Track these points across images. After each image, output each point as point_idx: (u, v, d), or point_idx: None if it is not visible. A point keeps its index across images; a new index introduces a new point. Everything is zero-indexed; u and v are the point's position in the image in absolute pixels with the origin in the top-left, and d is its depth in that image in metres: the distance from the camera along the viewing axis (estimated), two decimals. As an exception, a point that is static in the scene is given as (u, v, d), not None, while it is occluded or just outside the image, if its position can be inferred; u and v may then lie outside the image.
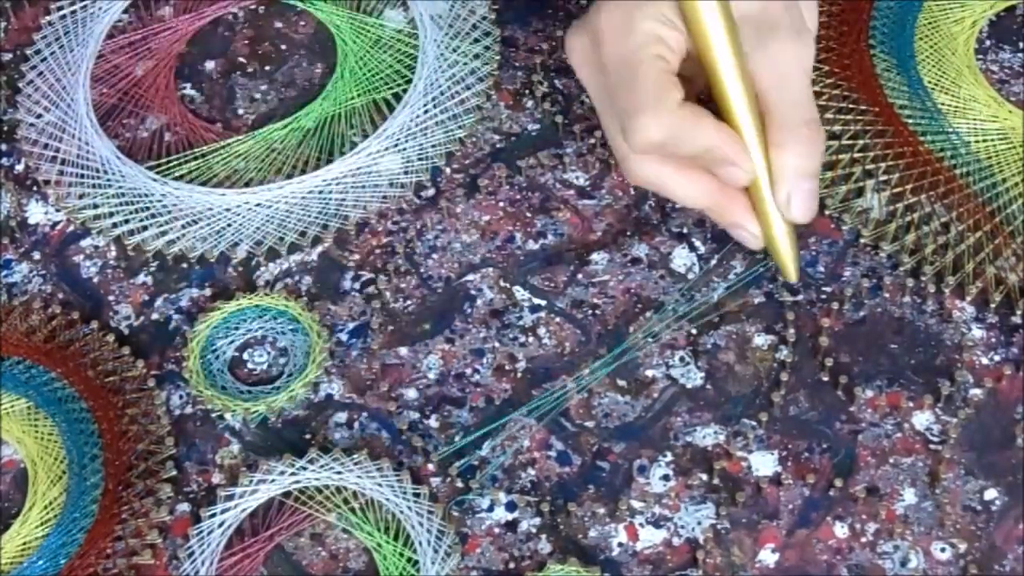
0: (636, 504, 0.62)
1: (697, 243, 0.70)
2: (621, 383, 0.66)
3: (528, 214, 0.72)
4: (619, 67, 0.55)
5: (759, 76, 0.55)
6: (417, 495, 0.63)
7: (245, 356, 0.69)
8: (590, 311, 0.68)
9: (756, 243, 0.59)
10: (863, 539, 0.61)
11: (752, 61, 0.55)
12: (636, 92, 0.54)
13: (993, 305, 0.66)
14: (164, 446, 0.65)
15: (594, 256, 0.70)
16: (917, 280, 0.67)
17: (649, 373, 0.66)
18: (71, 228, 0.74)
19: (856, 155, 0.71)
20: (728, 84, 0.54)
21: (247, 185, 0.73)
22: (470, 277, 0.70)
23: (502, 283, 0.70)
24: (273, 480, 0.63)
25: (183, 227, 0.72)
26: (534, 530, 0.62)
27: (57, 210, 0.75)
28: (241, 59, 0.80)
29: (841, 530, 0.61)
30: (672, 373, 0.66)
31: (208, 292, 0.71)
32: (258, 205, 0.72)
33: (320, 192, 0.73)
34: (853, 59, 0.74)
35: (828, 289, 0.68)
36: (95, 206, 0.74)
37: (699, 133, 0.54)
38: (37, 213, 0.75)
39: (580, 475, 0.63)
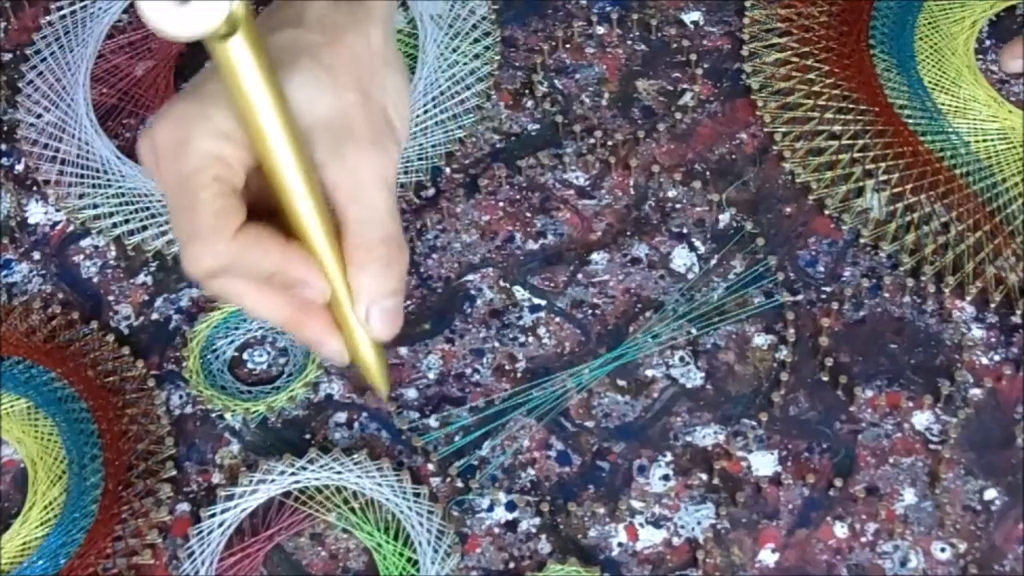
0: (636, 504, 0.62)
1: (697, 243, 0.70)
2: (621, 383, 0.66)
3: (528, 214, 0.72)
4: (175, 189, 0.50)
5: (334, 189, 0.51)
6: (417, 495, 0.63)
7: (245, 356, 0.69)
8: (590, 311, 0.68)
9: (341, 359, 0.54)
10: (863, 539, 0.61)
11: (327, 173, 0.51)
12: (191, 219, 0.49)
13: (993, 305, 0.66)
14: (164, 446, 0.65)
15: (594, 256, 0.70)
16: (917, 280, 0.67)
17: (649, 373, 0.66)
18: (71, 228, 0.74)
19: (856, 155, 0.71)
20: (294, 199, 0.49)
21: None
22: (470, 277, 0.70)
23: (502, 283, 0.70)
24: (273, 480, 0.63)
25: (183, 227, 0.72)
26: (534, 530, 0.62)
27: (57, 210, 0.75)
28: (241, 59, 0.80)
29: (841, 530, 0.61)
30: (672, 373, 0.66)
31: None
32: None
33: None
34: (853, 59, 0.75)
35: (828, 289, 0.68)
36: (95, 206, 0.74)
37: (261, 257, 0.50)
38: (37, 213, 0.75)
39: (580, 475, 0.63)
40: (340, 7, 0.54)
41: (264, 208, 0.51)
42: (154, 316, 0.70)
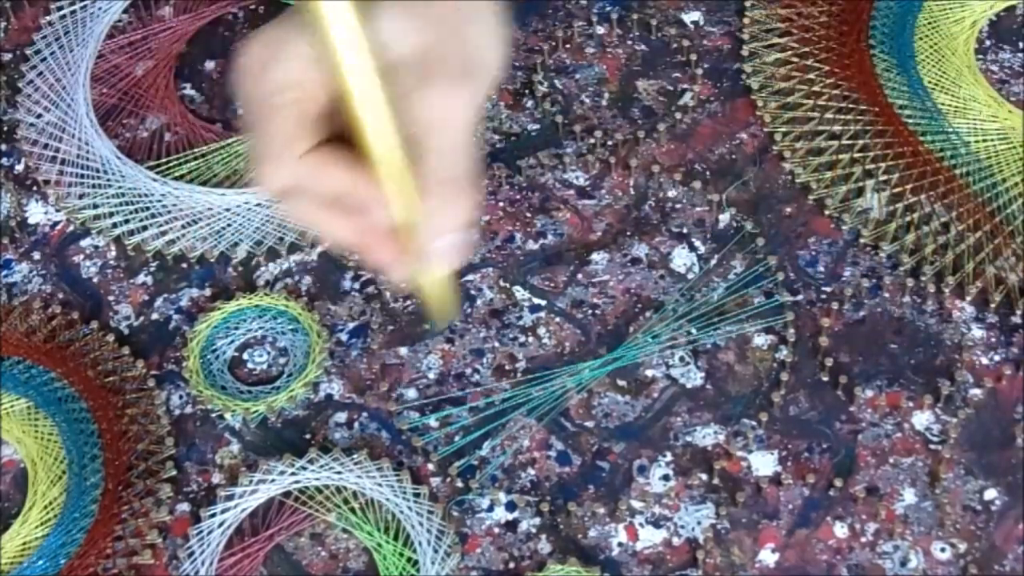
0: (636, 504, 0.62)
1: (697, 243, 0.70)
2: (621, 383, 0.66)
3: (528, 214, 0.72)
4: (254, 107, 0.52)
5: (414, 121, 0.52)
6: (417, 495, 0.63)
7: (245, 356, 0.69)
8: (590, 311, 0.68)
9: (404, 285, 0.57)
10: (863, 539, 0.61)
11: (409, 105, 0.52)
12: (264, 139, 0.51)
13: (993, 305, 0.66)
14: (164, 446, 0.65)
15: (594, 256, 0.70)
16: (917, 280, 0.67)
17: (649, 373, 0.66)
18: (71, 228, 0.74)
19: (856, 155, 0.71)
20: (368, 128, 0.51)
21: (247, 185, 0.73)
22: (470, 277, 0.70)
23: (502, 283, 0.70)
24: (273, 480, 0.63)
25: (183, 227, 0.72)
26: (534, 530, 0.62)
27: (57, 210, 0.75)
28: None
29: (841, 530, 0.61)
30: (672, 373, 0.66)
31: (208, 292, 0.71)
32: (258, 205, 0.72)
33: (320, 192, 0.73)
34: (853, 59, 0.75)
35: (828, 289, 0.68)
36: (95, 206, 0.74)
37: (328, 179, 0.52)
38: (37, 213, 0.75)
39: (580, 475, 0.63)
40: None
41: (349, 135, 0.52)
42: (154, 316, 0.70)
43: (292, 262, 0.71)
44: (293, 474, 0.63)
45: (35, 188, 0.76)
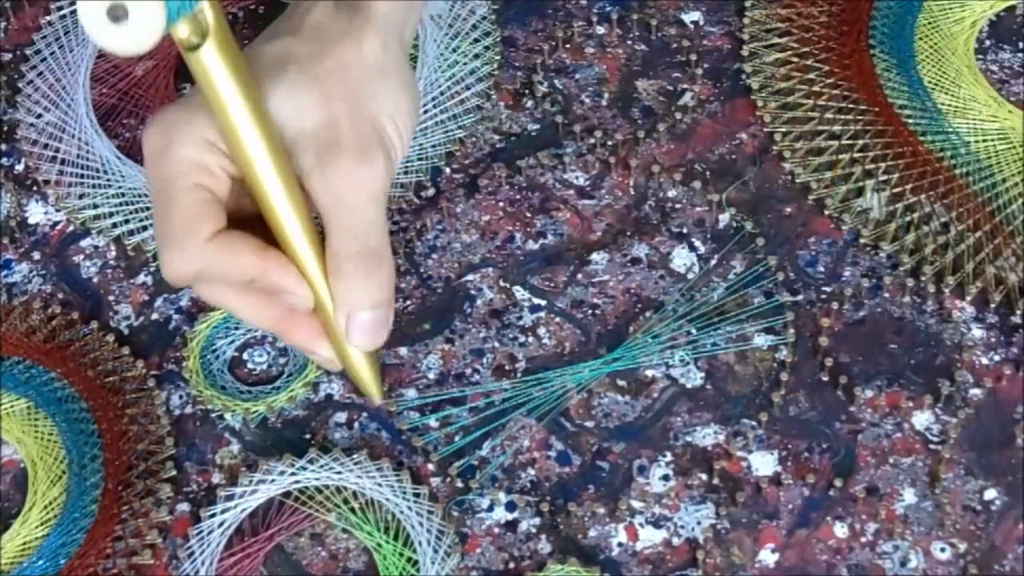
0: (636, 504, 0.62)
1: (697, 243, 0.70)
2: (621, 383, 0.66)
3: (528, 214, 0.72)
4: (157, 193, 0.50)
5: (318, 199, 0.50)
6: (417, 495, 0.63)
7: (245, 356, 0.69)
8: (590, 311, 0.68)
9: (333, 366, 0.55)
10: (863, 539, 0.61)
11: (311, 182, 0.50)
12: (166, 223, 0.50)
13: (993, 305, 0.66)
14: (164, 446, 0.65)
15: (594, 256, 0.70)
16: (917, 280, 0.67)
17: (649, 373, 0.66)
18: (71, 228, 0.74)
19: (856, 155, 0.71)
20: (273, 206, 0.49)
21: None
22: (470, 277, 0.70)
23: (502, 283, 0.70)
24: (273, 480, 0.63)
25: (183, 227, 0.72)
26: (534, 530, 0.62)
27: (57, 210, 0.75)
28: (241, 59, 0.80)
29: (841, 530, 0.61)
30: (672, 373, 0.66)
31: (208, 292, 0.71)
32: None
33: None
34: (853, 59, 0.75)
35: (828, 289, 0.68)
36: (95, 206, 0.74)
37: (236, 263, 0.50)
38: (37, 213, 0.75)
39: (580, 475, 0.63)
40: (339, 16, 0.54)
41: (258, 217, 0.51)
42: (154, 316, 0.70)
43: (292, 262, 0.71)
44: (293, 474, 0.63)
45: (35, 188, 0.76)
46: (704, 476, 0.63)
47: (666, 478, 0.63)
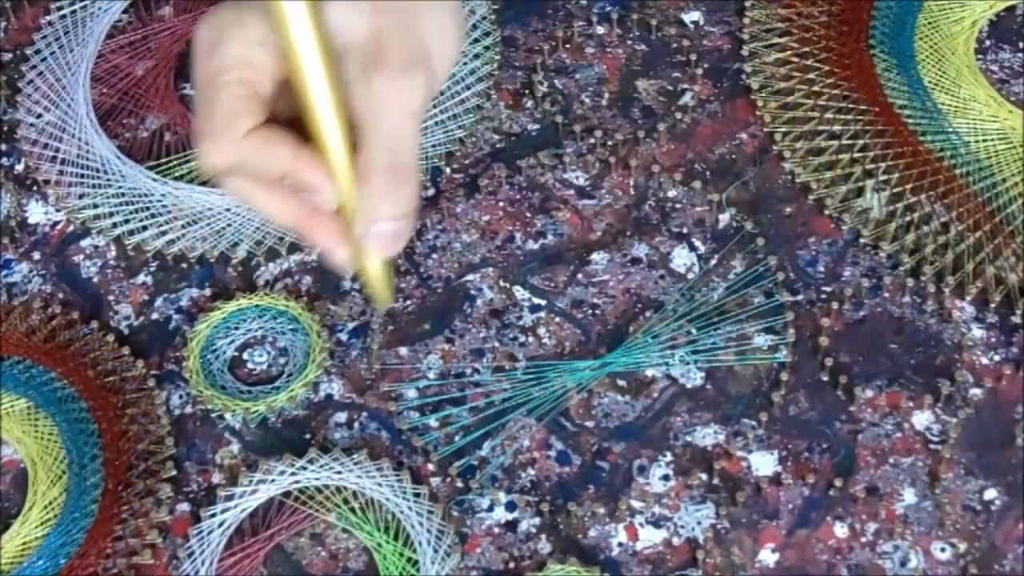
0: (636, 504, 0.62)
1: (697, 243, 0.70)
2: (621, 383, 0.66)
3: (528, 214, 0.72)
4: (201, 87, 0.52)
5: (357, 108, 0.52)
6: (417, 495, 0.63)
7: (245, 356, 0.69)
8: (590, 311, 0.68)
9: (346, 267, 0.56)
10: (863, 539, 0.61)
11: (353, 92, 0.52)
12: (208, 116, 0.52)
13: (993, 305, 0.66)
14: (164, 446, 0.65)
15: (594, 256, 0.70)
16: (917, 280, 0.67)
17: (649, 373, 0.66)
18: (71, 228, 0.74)
19: (856, 155, 0.71)
20: (316, 109, 0.51)
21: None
22: (470, 277, 0.70)
23: (502, 283, 0.70)
24: (273, 480, 0.63)
25: (183, 227, 0.72)
26: (534, 530, 0.62)
27: (57, 210, 0.75)
28: (241, 59, 0.80)
29: (841, 530, 0.61)
30: (672, 373, 0.66)
31: (208, 292, 0.71)
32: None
33: (320, 192, 0.73)
34: (853, 59, 0.75)
35: (828, 289, 0.68)
36: (95, 206, 0.74)
37: (270, 158, 0.52)
38: (37, 213, 0.75)
39: (580, 475, 0.63)
40: None
41: (293, 124, 0.53)
42: (154, 316, 0.70)
43: (292, 262, 0.71)
44: (293, 474, 0.63)
45: (35, 188, 0.76)
46: (704, 476, 0.63)
47: (666, 478, 0.63)
